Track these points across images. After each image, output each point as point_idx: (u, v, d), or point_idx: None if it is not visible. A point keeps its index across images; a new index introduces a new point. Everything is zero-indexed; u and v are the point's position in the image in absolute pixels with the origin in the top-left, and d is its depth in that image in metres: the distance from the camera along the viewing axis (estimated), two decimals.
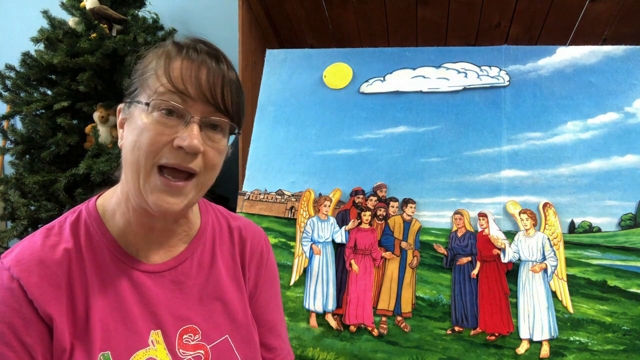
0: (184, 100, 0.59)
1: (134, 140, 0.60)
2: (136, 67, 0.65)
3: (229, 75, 0.63)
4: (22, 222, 1.82)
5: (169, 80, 0.59)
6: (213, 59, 0.62)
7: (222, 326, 0.72)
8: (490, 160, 1.37)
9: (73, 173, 1.76)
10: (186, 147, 0.59)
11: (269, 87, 1.62)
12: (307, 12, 1.98)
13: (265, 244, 0.84)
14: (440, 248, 1.33)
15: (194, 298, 0.71)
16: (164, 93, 0.59)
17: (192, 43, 0.63)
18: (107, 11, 1.94)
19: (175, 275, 0.70)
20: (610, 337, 1.16)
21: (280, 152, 1.53)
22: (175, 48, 0.62)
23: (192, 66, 0.60)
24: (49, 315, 0.59)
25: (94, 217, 0.67)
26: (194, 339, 0.69)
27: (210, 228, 0.77)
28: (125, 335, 0.64)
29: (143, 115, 0.60)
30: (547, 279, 1.24)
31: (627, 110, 1.32)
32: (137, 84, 0.63)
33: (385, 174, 1.43)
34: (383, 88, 1.52)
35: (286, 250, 1.42)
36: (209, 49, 0.63)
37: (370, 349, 1.28)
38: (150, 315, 0.66)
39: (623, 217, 1.24)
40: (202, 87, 0.60)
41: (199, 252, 0.73)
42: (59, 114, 1.82)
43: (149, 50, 0.65)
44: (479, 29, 1.93)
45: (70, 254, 0.63)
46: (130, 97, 0.64)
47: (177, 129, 0.60)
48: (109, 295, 0.64)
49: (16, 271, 0.59)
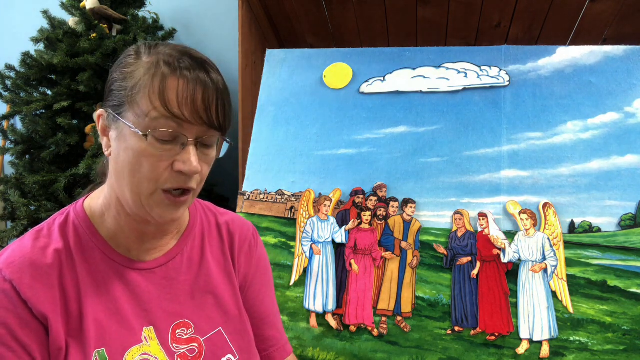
0: (178, 124, 0.58)
1: (130, 163, 0.60)
2: (116, 77, 0.62)
3: (220, 87, 0.62)
4: (22, 222, 1.82)
5: (164, 105, 0.57)
6: (204, 73, 0.61)
7: (214, 319, 0.73)
8: (490, 160, 1.37)
9: (73, 173, 1.77)
10: (188, 172, 0.60)
11: (269, 87, 1.62)
12: (307, 12, 1.98)
13: (254, 236, 0.84)
14: (440, 248, 1.33)
15: (185, 293, 0.72)
16: (157, 118, 0.58)
17: (181, 57, 0.60)
18: (107, 11, 1.94)
19: (166, 271, 0.71)
20: (610, 337, 1.16)
21: (280, 152, 1.53)
22: (167, 67, 0.59)
23: (187, 87, 0.58)
24: (44, 315, 0.59)
25: (82, 219, 0.67)
26: (187, 333, 0.70)
27: (199, 224, 0.78)
28: (119, 332, 0.64)
29: (135, 139, 0.59)
30: (547, 279, 1.24)
31: (627, 110, 1.32)
32: (123, 99, 0.60)
33: (385, 174, 1.43)
34: (383, 88, 1.52)
35: (286, 250, 1.42)
36: (196, 62, 0.61)
37: (370, 349, 1.28)
38: (143, 312, 0.67)
39: (623, 217, 1.24)
40: (198, 109, 0.59)
41: (188, 248, 0.74)
42: (59, 114, 1.82)
43: (130, 57, 0.62)
44: (479, 29, 1.93)
45: (60, 255, 0.64)
46: (114, 110, 0.61)
47: (174, 151, 0.60)
48: (101, 293, 0.65)
49: (8, 273, 0.59)
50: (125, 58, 0.63)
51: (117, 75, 0.62)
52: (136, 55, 0.62)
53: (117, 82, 0.62)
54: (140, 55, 0.62)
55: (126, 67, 0.62)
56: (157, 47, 0.62)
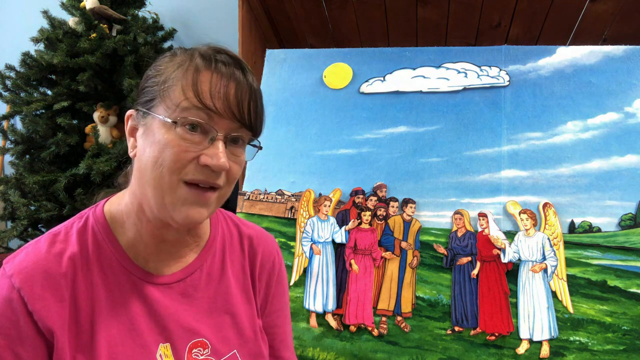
0: (209, 116, 0.57)
1: (155, 156, 0.58)
2: (150, 73, 0.62)
3: (254, 87, 0.61)
4: (22, 222, 1.82)
5: (196, 95, 0.57)
6: (240, 71, 0.60)
7: (230, 340, 0.70)
8: (490, 160, 1.37)
9: (73, 173, 1.77)
10: (214, 167, 0.57)
11: (269, 87, 1.62)
12: (307, 12, 1.98)
13: (277, 256, 0.82)
14: (440, 248, 1.33)
15: (202, 311, 0.69)
16: (188, 108, 0.57)
17: (216, 54, 0.60)
18: (107, 11, 1.94)
19: (184, 287, 0.68)
20: (610, 337, 1.16)
21: (280, 152, 1.53)
22: (202, 60, 0.59)
23: (221, 81, 0.58)
24: (50, 329, 0.57)
25: (102, 225, 0.65)
26: (203, 353, 0.67)
27: (220, 237, 0.75)
28: (132, 349, 0.62)
29: (164, 130, 0.57)
30: (547, 279, 1.24)
31: (627, 110, 1.32)
32: (155, 93, 0.60)
33: (385, 174, 1.43)
34: (383, 88, 1.52)
35: (286, 250, 1.42)
36: (234, 60, 0.61)
37: (370, 349, 1.28)
38: (159, 328, 0.65)
39: (623, 217, 1.24)
40: (230, 103, 0.58)
41: (208, 263, 0.72)
42: (59, 114, 1.82)
43: (165, 57, 0.62)
44: (479, 29, 1.93)
45: (75, 262, 0.61)
46: (145, 106, 0.61)
47: (202, 145, 0.58)
48: (116, 307, 0.62)
49: (18, 280, 0.57)
50: (162, 58, 0.63)
51: (151, 72, 0.62)
52: (172, 55, 0.62)
53: (150, 79, 0.61)
54: (176, 54, 0.62)
55: (161, 65, 0.61)
56: (194, 47, 0.62)
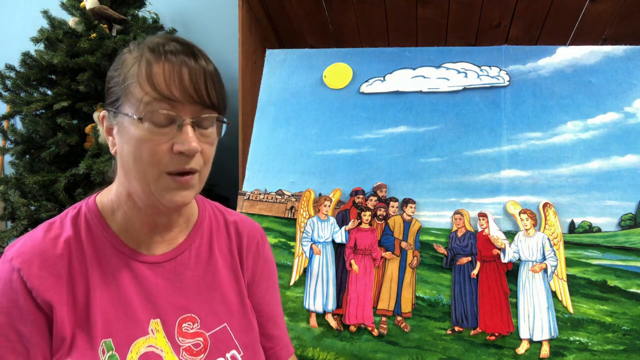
0: (172, 105, 0.60)
1: (133, 152, 0.61)
2: (112, 74, 0.65)
3: (208, 69, 0.63)
4: (22, 222, 1.81)
5: (154, 88, 0.59)
6: (191, 57, 0.62)
7: (220, 315, 0.74)
8: (490, 160, 1.37)
9: (73, 173, 1.76)
10: (186, 152, 0.61)
11: (269, 87, 1.62)
12: (307, 12, 1.98)
13: (262, 237, 0.86)
14: (440, 248, 1.33)
15: (192, 288, 0.73)
16: (150, 102, 0.59)
17: (166, 43, 0.62)
18: (107, 11, 1.94)
19: (175, 266, 0.72)
20: (610, 337, 1.16)
21: (280, 152, 1.53)
22: (152, 53, 0.61)
23: (173, 69, 0.60)
24: (49, 304, 0.61)
25: (93, 212, 0.69)
26: (192, 327, 0.71)
27: (207, 221, 0.79)
28: (125, 324, 0.66)
29: (134, 127, 0.61)
30: (547, 279, 1.24)
31: (627, 110, 1.32)
32: (119, 93, 0.63)
33: (385, 174, 1.43)
34: (383, 88, 1.52)
35: (286, 250, 1.42)
36: (183, 46, 0.63)
37: (370, 349, 1.28)
38: (150, 305, 0.68)
39: (623, 217, 1.24)
40: (187, 88, 0.60)
41: (196, 244, 0.76)
42: (59, 114, 1.82)
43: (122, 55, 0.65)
44: (479, 29, 1.93)
45: (70, 244, 0.65)
46: (113, 106, 0.64)
47: (172, 134, 0.61)
48: (109, 285, 0.66)
49: (17, 262, 0.61)
50: (119, 57, 0.66)
51: (112, 73, 0.65)
52: (127, 52, 0.65)
53: (113, 79, 0.65)
54: (131, 51, 0.64)
55: (118, 65, 0.64)
56: (145, 40, 0.65)
